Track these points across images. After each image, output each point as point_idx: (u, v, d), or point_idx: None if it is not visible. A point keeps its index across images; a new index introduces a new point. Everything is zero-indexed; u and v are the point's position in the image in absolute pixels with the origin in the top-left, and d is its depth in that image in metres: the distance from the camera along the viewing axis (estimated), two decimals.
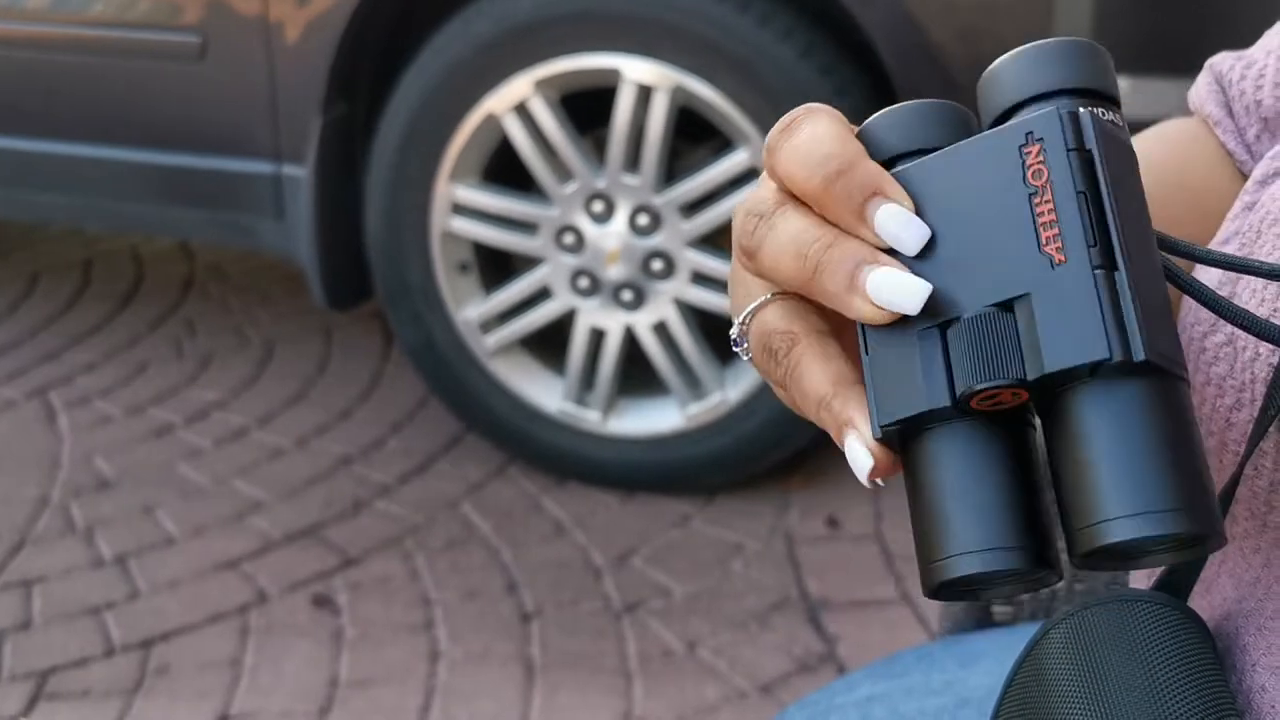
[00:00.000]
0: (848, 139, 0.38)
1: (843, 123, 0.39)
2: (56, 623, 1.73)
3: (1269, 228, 0.45)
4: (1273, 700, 0.40)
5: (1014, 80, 0.38)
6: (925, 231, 0.36)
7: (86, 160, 2.15)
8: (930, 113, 0.39)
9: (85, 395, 2.31)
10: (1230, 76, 0.57)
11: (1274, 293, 0.43)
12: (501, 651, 1.67)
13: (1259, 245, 0.45)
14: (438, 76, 1.88)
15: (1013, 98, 0.38)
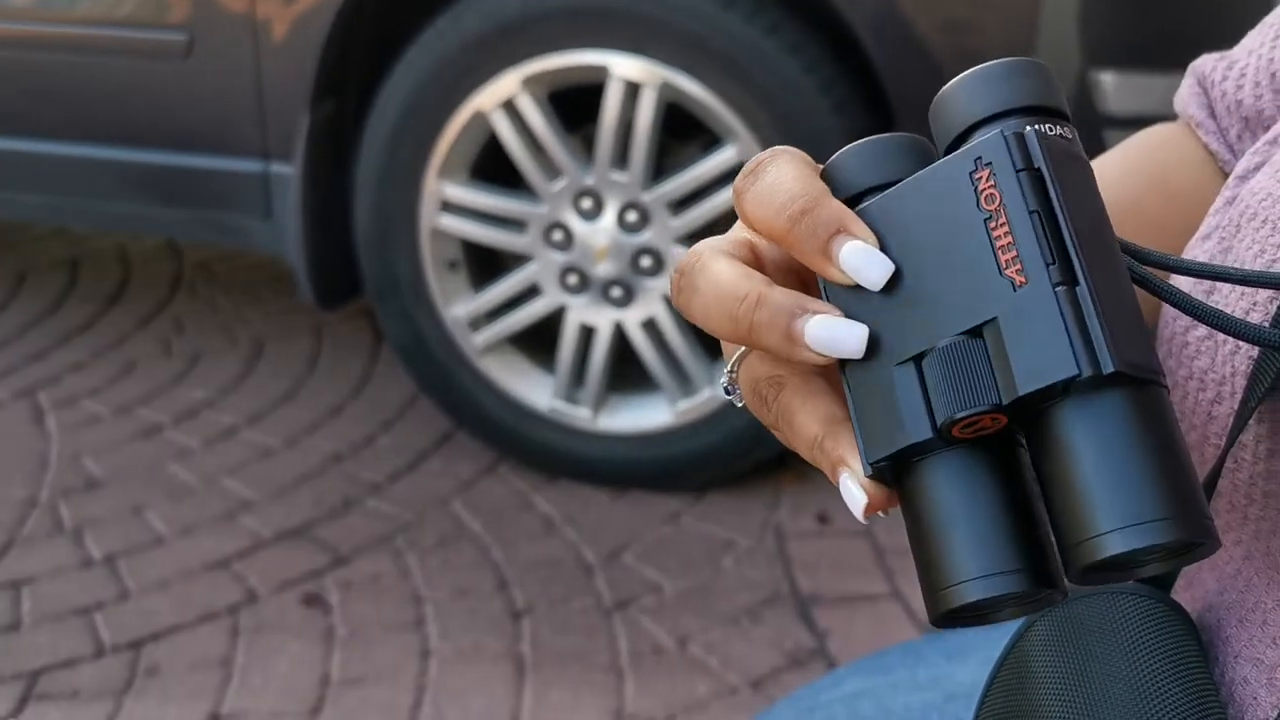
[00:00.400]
0: (811, 179, 0.38)
1: (807, 163, 0.40)
2: (45, 623, 1.72)
3: (1247, 222, 0.45)
4: (1254, 692, 0.40)
5: (960, 106, 0.38)
6: (889, 266, 0.37)
7: (73, 159, 2.15)
8: (891, 146, 0.40)
9: (73, 395, 2.30)
10: (1212, 78, 0.58)
11: (1252, 289, 0.43)
12: (493, 649, 1.67)
13: (1238, 239, 0.45)
14: (426, 74, 1.87)
15: (962, 123, 0.38)
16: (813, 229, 0.37)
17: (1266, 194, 0.45)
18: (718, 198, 1.83)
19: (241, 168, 2.04)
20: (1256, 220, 0.44)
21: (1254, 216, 0.45)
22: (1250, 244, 0.44)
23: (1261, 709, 0.40)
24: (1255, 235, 0.44)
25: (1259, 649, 0.40)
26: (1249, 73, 0.55)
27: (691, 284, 0.39)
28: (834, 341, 0.36)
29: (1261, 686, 0.40)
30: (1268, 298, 0.43)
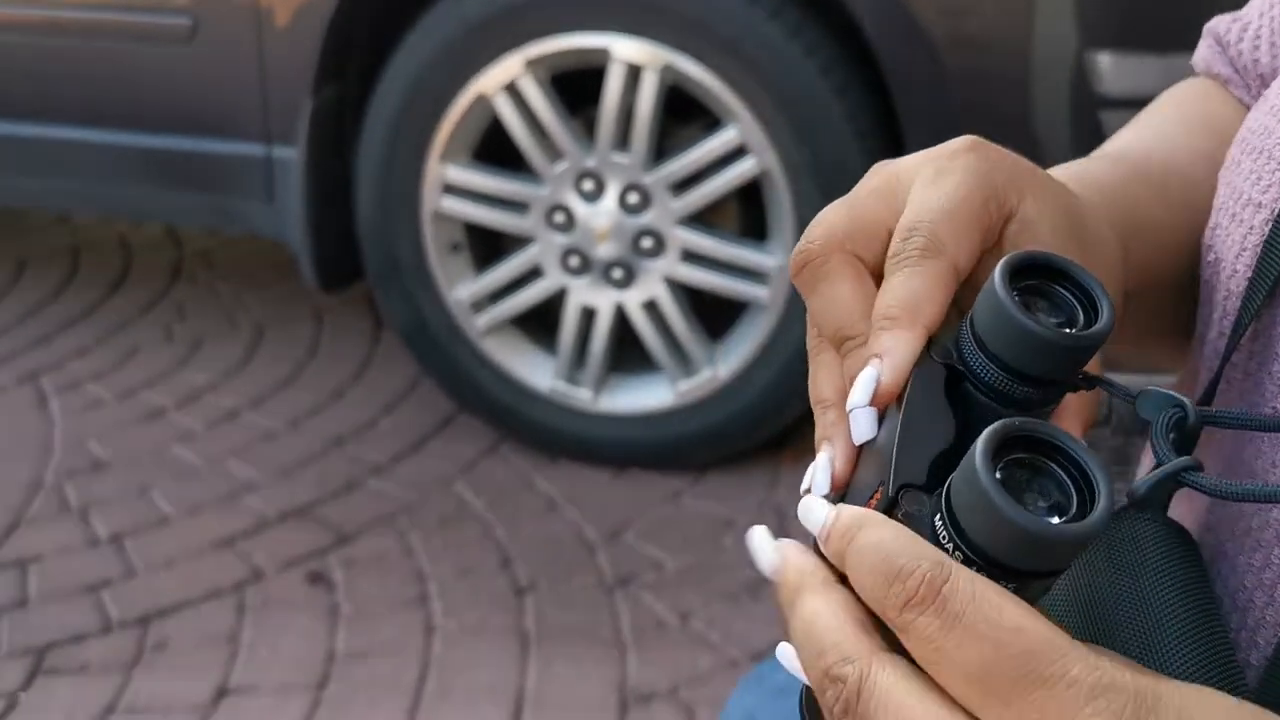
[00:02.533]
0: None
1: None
2: (53, 600, 1.74)
3: (1246, 155, 0.47)
4: (1250, 597, 0.42)
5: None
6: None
7: (75, 144, 2.16)
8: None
9: (76, 379, 2.32)
10: (1228, 39, 0.59)
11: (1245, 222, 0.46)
12: (496, 625, 1.68)
13: (1238, 171, 0.47)
14: (428, 57, 1.89)
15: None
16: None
17: (1263, 128, 0.47)
18: (718, 179, 1.85)
19: (244, 151, 2.05)
20: (1254, 152, 0.46)
21: (1252, 149, 0.47)
22: (1249, 174, 0.46)
23: (1256, 612, 0.42)
24: (1253, 165, 0.46)
25: (1249, 555, 0.42)
26: (1264, 34, 0.56)
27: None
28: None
29: (1256, 589, 0.42)
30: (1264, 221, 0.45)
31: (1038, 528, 0.32)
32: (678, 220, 1.88)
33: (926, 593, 0.32)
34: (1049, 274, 0.40)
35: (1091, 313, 0.39)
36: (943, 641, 0.31)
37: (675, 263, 1.91)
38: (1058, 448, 0.35)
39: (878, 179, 0.44)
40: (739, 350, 1.92)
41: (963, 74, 1.72)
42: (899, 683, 0.32)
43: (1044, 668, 0.30)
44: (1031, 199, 0.44)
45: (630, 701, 1.55)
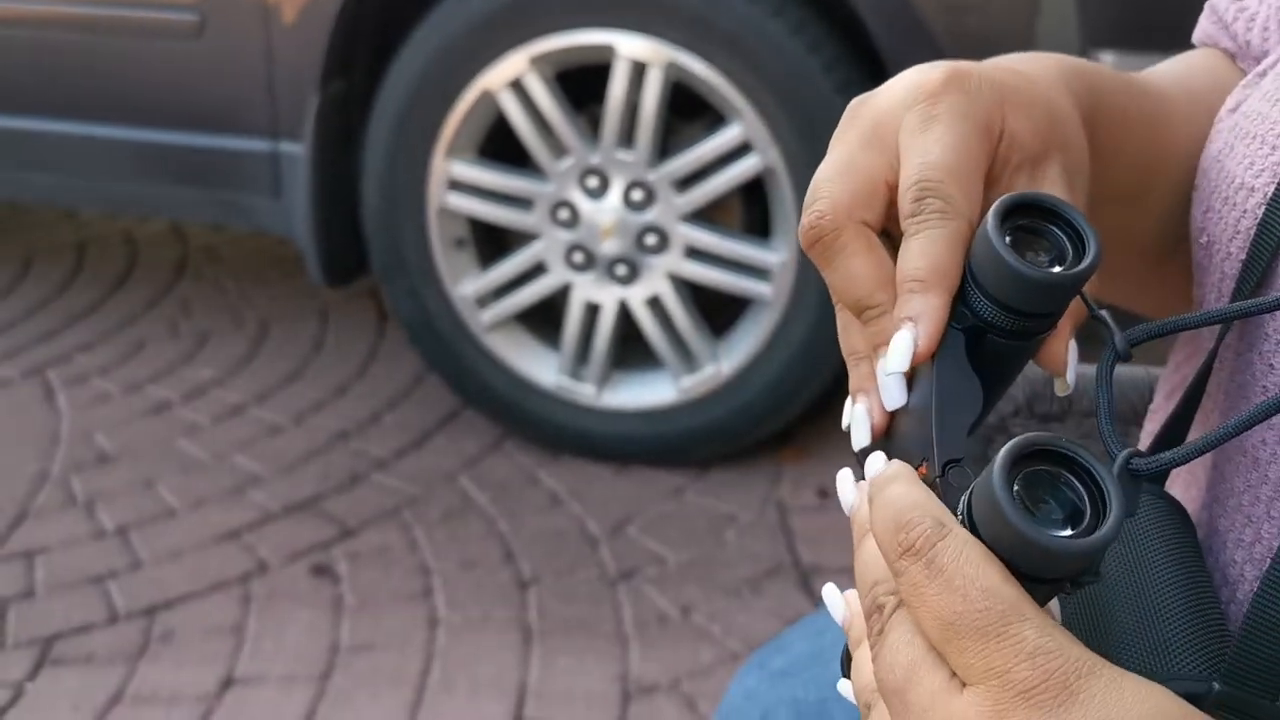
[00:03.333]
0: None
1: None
2: (59, 591, 1.75)
3: (1239, 140, 0.48)
4: (1241, 570, 0.43)
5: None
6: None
7: (82, 139, 2.17)
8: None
9: (83, 373, 2.33)
10: (1225, 17, 0.60)
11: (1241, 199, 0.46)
12: (500, 618, 1.69)
13: (1231, 157, 0.48)
14: (434, 54, 1.90)
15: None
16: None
17: (1256, 113, 0.48)
18: (722, 176, 1.86)
19: (251, 147, 2.06)
20: (1248, 137, 0.47)
21: (1245, 134, 0.48)
22: (1241, 158, 0.47)
23: (1247, 583, 0.43)
24: (1245, 150, 0.47)
25: (1240, 531, 0.43)
26: (1258, 17, 0.57)
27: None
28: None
29: (1246, 563, 0.43)
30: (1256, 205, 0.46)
31: (1045, 540, 0.35)
32: (681, 217, 1.90)
33: (922, 545, 0.35)
34: (1039, 212, 0.42)
35: (1080, 246, 0.41)
36: (925, 588, 0.35)
37: (679, 259, 1.92)
38: (1077, 462, 0.37)
39: (861, 128, 0.45)
40: (742, 347, 1.93)
41: None
42: (904, 623, 0.37)
43: (1000, 625, 0.34)
44: (1013, 114, 0.44)
45: (632, 694, 1.56)
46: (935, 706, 0.35)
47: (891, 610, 0.37)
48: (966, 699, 0.34)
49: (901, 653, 0.36)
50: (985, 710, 0.34)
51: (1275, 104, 0.47)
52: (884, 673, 0.36)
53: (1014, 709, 0.33)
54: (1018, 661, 0.34)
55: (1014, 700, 0.33)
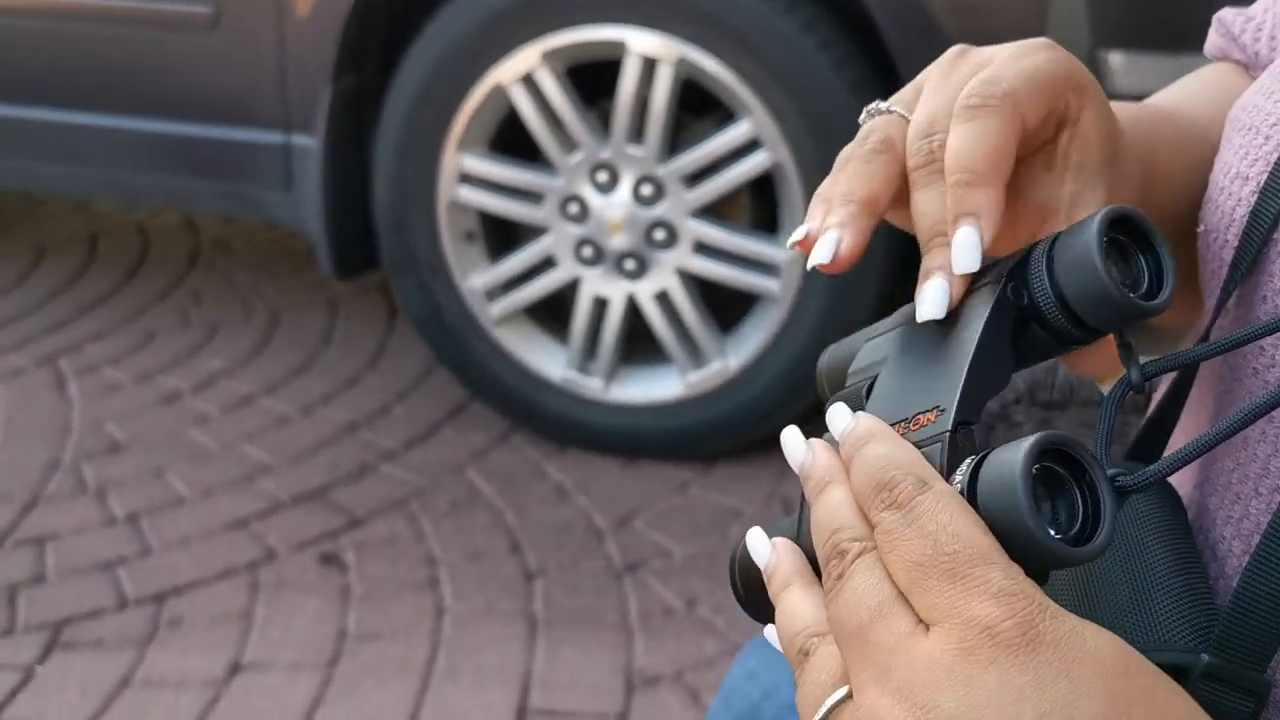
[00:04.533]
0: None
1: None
2: (70, 577, 1.76)
3: (1235, 131, 0.49)
4: (1229, 546, 0.44)
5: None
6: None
7: (96, 130, 2.19)
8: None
9: (94, 363, 2.35)
10: (1234, 30, 0.61)
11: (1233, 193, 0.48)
12: (505, 608, 1.71)
13: (1227, 147, 0.49)
14: (446, 48, 1.91)
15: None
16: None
17: (1252, 105, 0.49)
18: (731, 172, 1.87)
19: (263, 139, 2.08)
20: (1244, 129, 0.49)
21: (1241, 125, 0.49)
22: (1237, 149, 0.48)
23: (1235, 559, 0.44)
24: (1241, 140, 0.48)
25: (1229, 509, 0.44)
26: (1265, 27, 0.58)
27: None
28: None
29: (1234, 539, 0.44)
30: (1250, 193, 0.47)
31: (1041, 536, 0.35)
32: (690, 212, 1.91)
33: (904, 500, 0.36)
34: (1134, 234, 0.42)
35: (1155, 279, 0.41)
36: (899, 534, 0.36)
37: (687, 254, 1.93)
38: (1085, 472, 0.38)
39: (969, 65, 0.46)
40: (749, 342, 1.94)
41: None
42: (874, 568, 0.37)
43: (966, 567, 0.35)
44: (1091, 112, 0.45)
45: (636, 684, 1.57)
46: (900, 647, 0.35)
47: (855, 555, 0.37)
48: (932, 639, 0.35)
49: (869, 594, 0.36)
50: (950, 649, 0.34)
51: (1269, 96, 0.49)
52: (846, 613, 0.36)
53: (979, 647, 0.33)
54: (982, 601, 0.34)
55: (979, 638, 0.33)
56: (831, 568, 0.38)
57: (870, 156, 0.45)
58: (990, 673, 0.33)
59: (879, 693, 0.35)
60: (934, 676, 0.34)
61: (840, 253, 0.44)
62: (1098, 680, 0.33)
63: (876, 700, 0.35)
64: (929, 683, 0.34)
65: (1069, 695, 0.33)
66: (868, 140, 0.46)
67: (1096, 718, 0.33)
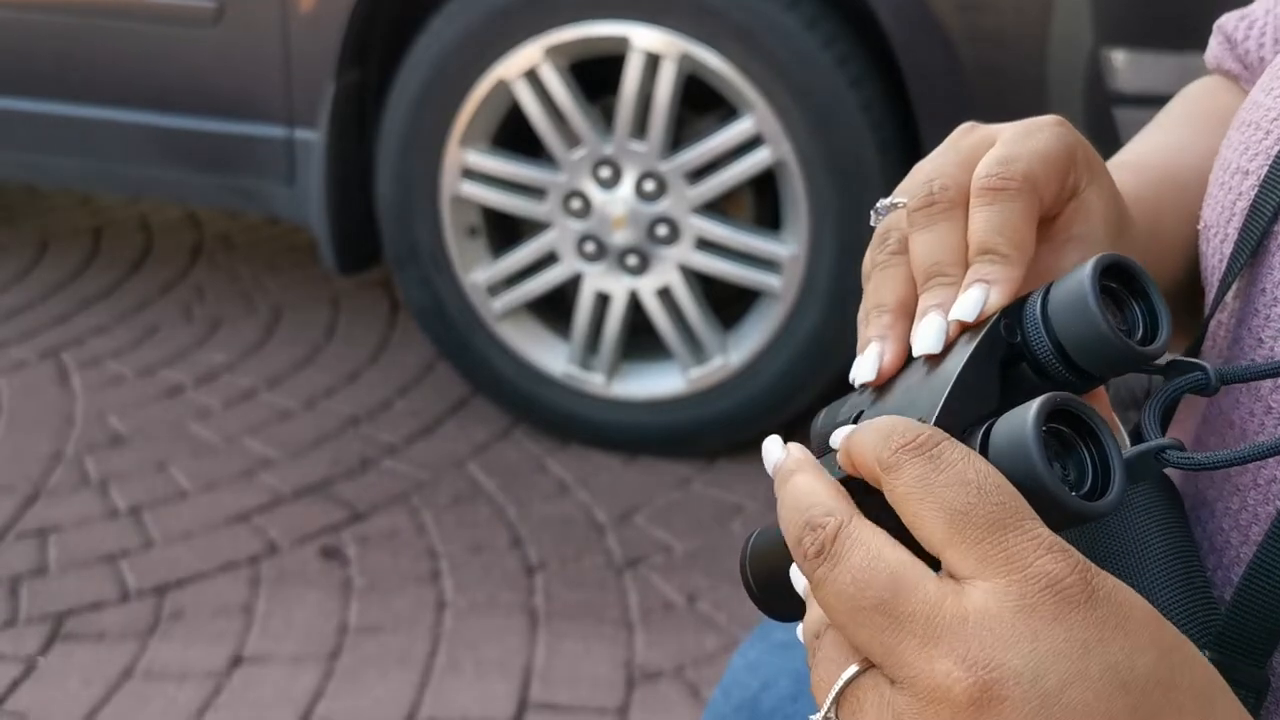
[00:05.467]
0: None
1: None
2: (72, 569, 1.77)
3: (1236, 128, 0.50)
4: (1227, 538, 0.45)
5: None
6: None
7: (99, 123, 2.19)
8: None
9: (97, 356, 2.35)
10: (1236, 35, 0.61)
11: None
12: (506, 602, 1.71)
13: (1228, 145, 0.50)
14: (450, 43, 1.91)
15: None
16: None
17: (1253, 102, 0.50)
18: (734, 168, 1.87)
19: (267, 133, 2.08)
20: (1245, 125, 0.49)
21: (1241, 122, 0.49)
22: (1238, 145, 0.49)
23: (1233, 550, 0.44)
24: (1241, 136, 0.49)
25: (1228, 500, 0.45)
26: (1268, 30, 0.59)
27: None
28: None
29: (1233, 531, 0.44)
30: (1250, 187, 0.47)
31: (1053, 485, 0.35)
32: (693, 208, 1.91)
33: (925, 443, 0.35)
34: (1127, 282, 0.42)
35: (1150, 330, 0.42)
36: (932, 480, 0.34)
37: (689, 250, 1.93)
38: (1094, 434, 0.38)
39: (976, 137, 0.46)
40: (750, 339, 1.94)
41: (979, 69, 1.74)
42: (876, 534, 0.35)
43: (1016, 519, 0.33)
44: (1096, 187, 0.46)
45: (637, 679, 1.58)
46: (942, 610, 0.33)
47: (835, 529, 0.35)
48: (981, 594, 0.32)
49: (877, 568, 0.34)
50: (1010, 604, 0.32)
51: (1269, 93, 0.49)
52: (855, 590, 0.34)
53: (1043, 602, 0.32)
54: (1041, 555, 0.32)
55: (1042, 594, 0.32)
56: (806, 545, 0.35)
57: (891, 260, 0.45)
58: (1056, 628, 0.32)
59: (928, 660, 0.32)
60: (995, 634, 0.32)
61: (884, 366, 0.44)
62: (1145, 633, 0.33)
63: (928, 668, 0.32)
64: (989, 641, 0.32)
65: (1126, 648, 0.32)
66: (886, 244, 0.46)
67: (1149, 668, 0.32)
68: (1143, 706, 0.32)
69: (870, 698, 0.34)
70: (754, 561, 0.43)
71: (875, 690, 0.34)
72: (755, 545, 0.43)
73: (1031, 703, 0.31)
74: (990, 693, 0.32)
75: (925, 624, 0.33)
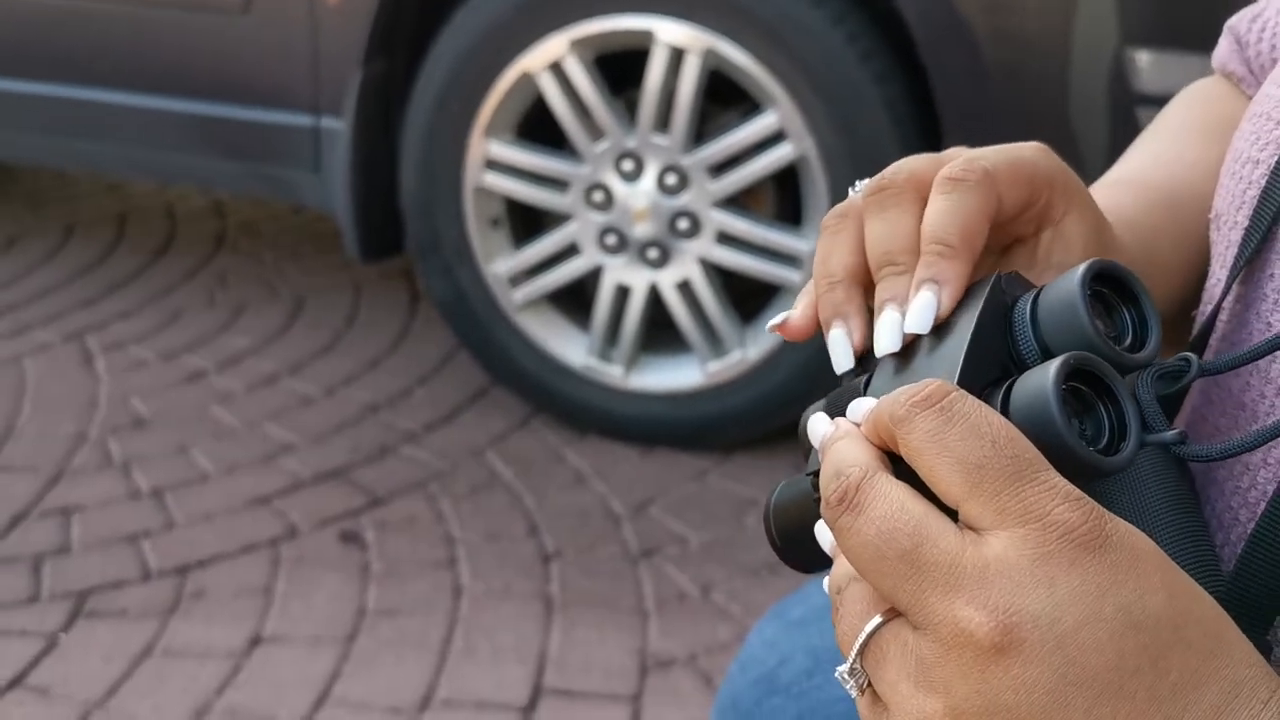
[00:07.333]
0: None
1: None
2: (94, 548, 1.79)
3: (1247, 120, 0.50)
4: (1235, 515, 0.45)
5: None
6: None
7: (129, 109, 2.22)
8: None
9: (121, 340, 2.38)
10: (1247, 38, 0.61)
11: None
12: (522, 589, 1.72)
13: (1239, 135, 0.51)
14: (476, 34, 1.93)
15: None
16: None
17: (1266, 95, 0.50)
18: (756, 163, 1.88)
19: (293, 122, 2.10)
20: (1256, 116, 0.50)
21: (1253, 113, 0.50)
22: (1249, 135, 0.50)
23: (1241, 525, 0.45)
24: (1252, 127, 0.50)
25: (1237, 478, 0.45)
26: (1275, 27, 0.59)
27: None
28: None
29: (1241, 507, 0.45)
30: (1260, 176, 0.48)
31: (1073, 441, 0.37)
32: (714, 202, 1.92)
33: (937, 396, 0.36)
34: (1119, 289, 0.43)
35: (1138, 338, 0.42)
36: (946, 434, 0.35)
37: (710, 244, 1.94)
38: (1111, 392, 0.39)
39: (959, 149, 0.48)
40: (769, 333, 1.95)
41: (1002, 68, 1.74)
42: (897, 488, 0.36)
43: (1031, 470, 0.35)
44: (1077, 216, 0.47)
45: (650, 667, 1.59)
46: (962, 559, 0.34)
47: (860, 479, 0.36)
48: (1000, 544, 0.34)
49: (901, 518, 0.35)
50: (1029, 553, 0.33)
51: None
52: (881, 541, 0.35)
53: (1060, 550, 0.33)
54: (1056, 504, 0.34)
55: (1059, 542, 0.33)
56: (830, 492, 0.36)
57: (839, 225, 0.47)
58: (1072, 573, 0.33)
59: (951, 606, 0.34)
60: (1013, 581, 0.33)
61: (857, 345, 0.46)
62: (1156, 575, 0.34)
63: (951, 614, 0.34)
64: (1009, 588, 0.33)
65: (1138, 590, 0.34)
66: (838, 214, 0.48)
67: (1160, 608, 0.34)
68: (1153, 644, 0.33)
69: (893, 647, 0.36)
70: (778, 512, 0.44)
71: (898, 640, 0.36)
72: (780, 496, 0.44)
73: (1049, 643, 0.33)
74: (1010, 636, 0.33)
75: (948, 573, 0.34)
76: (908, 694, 0.35)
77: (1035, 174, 0.46)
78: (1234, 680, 0.34)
